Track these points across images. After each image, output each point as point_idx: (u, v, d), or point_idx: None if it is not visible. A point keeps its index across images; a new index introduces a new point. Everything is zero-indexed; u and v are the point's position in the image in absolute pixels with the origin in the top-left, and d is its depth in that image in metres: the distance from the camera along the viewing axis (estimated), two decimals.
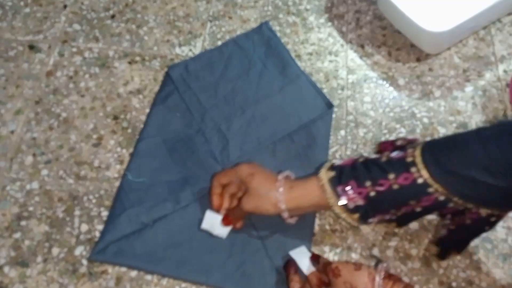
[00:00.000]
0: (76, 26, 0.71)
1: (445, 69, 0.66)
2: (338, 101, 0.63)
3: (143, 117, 0.62)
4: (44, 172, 0.58)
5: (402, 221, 0.46)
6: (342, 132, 0.61)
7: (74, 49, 0.68)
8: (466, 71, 0.66)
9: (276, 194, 0.45)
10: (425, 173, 0.39)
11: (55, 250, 0.53)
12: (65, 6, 0.73)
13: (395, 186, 0.41)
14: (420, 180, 0.39)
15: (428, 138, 0.60)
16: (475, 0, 0.62)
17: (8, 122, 0.62)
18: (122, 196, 0.55)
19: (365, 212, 0.43)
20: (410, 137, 0.58)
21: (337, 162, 0.45)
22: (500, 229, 0.53)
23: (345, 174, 0.43)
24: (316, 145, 0.58)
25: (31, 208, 0.56)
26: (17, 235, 0.54)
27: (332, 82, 0.65)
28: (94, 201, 0.56)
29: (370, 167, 0.42)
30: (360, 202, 0.43)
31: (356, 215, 0.43)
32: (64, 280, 0.51)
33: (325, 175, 0.44)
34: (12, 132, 0.61)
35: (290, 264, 0.48)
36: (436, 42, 0.64)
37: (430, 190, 0.40)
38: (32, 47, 0.69)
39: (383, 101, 0.63)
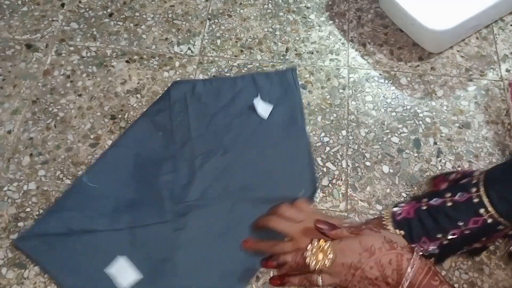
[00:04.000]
0: (74, 25, 0.70)
1: (447, 68, 0.65)
2: (339, 100, 0.63)
3: None
4: (41, 172, 0.58)
5: (474, 253, 0.48)
6: (344, 132, 0.60)
7: (72, 48, 0.68)
8: (468, 70, 0.65)
9: None
10: (494, 213, 0.40)
11: None
12: (62, 5, 0.72)
13: (467, 232, 0.42)
14: (490, 220, 0.41)
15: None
16: None
17: (5, 122, 0.61)
18: (67, 196, 0.54)
19: (441, 256, 0.45)
20: (462, 169, 0.56)
21: (398, 213, 0.45)
22: None
23: (415, 230, 0.43)
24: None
25: (28, 209, 0.55)
26: (15, 236, 0.53)
27: (333, 81, 0.64)
28: None
29: (437, 217, 0.43)
30: (435, 250, 0.44)
31: (432, 260, 0.45)
32: None
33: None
34: (9, 132, 0.61)
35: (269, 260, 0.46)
36: (438, 41, 0.64)
37: (500, 227, 0.41)
38: (29, 46, 0.68)
39: (385, 100, 0.63)
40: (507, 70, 0.64)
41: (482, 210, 0.40)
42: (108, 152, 0.58)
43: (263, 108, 0.59)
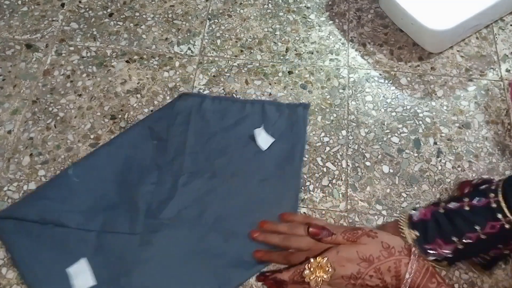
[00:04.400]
0: (74, 25, 0.70)
1: (447, 68, 0.65)
2: (339, 100, 0.63)
3: (141, 117, 0.61)
4: (41, 172, 0.57)
5: (489, 265, 0.47)
6: (344, 132, 0.60)
7: (72, 48, 0.68)
8: (468, 70, 0.65)
9: None
10: (511, 218, 0.40)
11: None
12: (62, 5, 0.72)
13: (483, 237, 0.41)
14: (507, 226, 0.40)
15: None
16: None
17: (5, 122, 0.61)
18: (49, 184, 0.55)
19: (455, 260, 0.44)
20: (483, 177, 0.55)
21: (416, 215, 0.45)
22: None
23: (430, 231, 0.43)
24: (240, 264, 0.50)
25: None
26: None
27: (333, 81, 0.64)
28: None
29: (454, 219, 0.42)
30: (449, 254, 0.43)
31: (445, 263, 0.44)
32: None
33: (409, 235, 0.44)
34: (9, 132, 0.61)
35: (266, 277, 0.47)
36: (438, 41, 0.64)
37: None
38: (29, 46, 0.68)
39: (385, 100, 0.63)
40: (507, 70, 0.64)
41: (499, 215, 0.40)
42: (99, 149, 0.57)
43: (263, 139, 0.57)
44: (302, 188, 0.55)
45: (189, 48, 0.68)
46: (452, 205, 0.44)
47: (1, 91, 0.64)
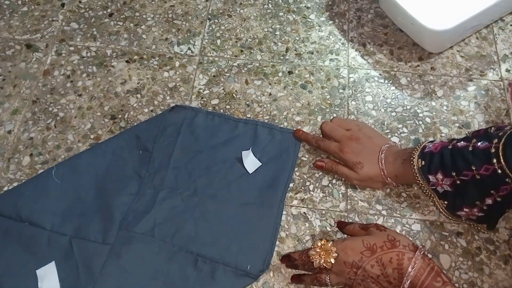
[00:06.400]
0: (74, 25, 0.70)
1: (447, 68, 0.65)
2: (339, 100, 0.63)
3: (141, 117, 0.61)
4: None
5: (489, 220, 0.49)
6: None
7: (72, 48, 0.68)
8: (468, 70, 0.65)
9: (385, 182, 0.52)
10: (504, 165, 0.42)
11: None
12: (62, 5, 0.72)
13: (477, 176, 0.44)
14: (499, 171, 0.42)
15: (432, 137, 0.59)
16: None
17: (5, 122, 0.61)
18: (31, 182, 0.55)
19: (453, 200, 0.47)
20: (500, 124, 0.58)
21: (428, 147, 0.49)
22: (502, 229, 0.52)
23: (434, 163, 0.47)
24: None
25: None
26: None
27: (333, 81, 0.64)
28: None
29: (456, 157, 0.46)
30: (448, 188, 0.47)
31: (445, 202, 0.48)
32: None
33: (416, 163, 0.49)
34: (9, 132, 0.61)
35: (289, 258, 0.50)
36: (438, 41, 0.64)
37: (508, 180, 0.42)
38: (29, 46, 0.68)
39: (385, 100, 0.63)
40: (507, 70, 0.64)
41: (494, 160, 0.42)
42: (83, 153, 0.57)
43: (251, 162, 0.55)
44: (285, 212, 0.54)
45: (189, 48, 0.68)
46: (460, 143, 0.46)
47: (1, 91, 0.64)
